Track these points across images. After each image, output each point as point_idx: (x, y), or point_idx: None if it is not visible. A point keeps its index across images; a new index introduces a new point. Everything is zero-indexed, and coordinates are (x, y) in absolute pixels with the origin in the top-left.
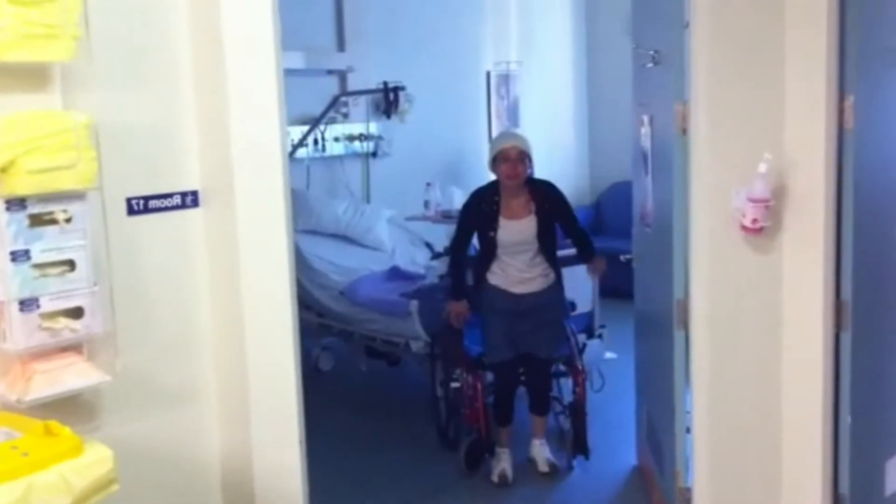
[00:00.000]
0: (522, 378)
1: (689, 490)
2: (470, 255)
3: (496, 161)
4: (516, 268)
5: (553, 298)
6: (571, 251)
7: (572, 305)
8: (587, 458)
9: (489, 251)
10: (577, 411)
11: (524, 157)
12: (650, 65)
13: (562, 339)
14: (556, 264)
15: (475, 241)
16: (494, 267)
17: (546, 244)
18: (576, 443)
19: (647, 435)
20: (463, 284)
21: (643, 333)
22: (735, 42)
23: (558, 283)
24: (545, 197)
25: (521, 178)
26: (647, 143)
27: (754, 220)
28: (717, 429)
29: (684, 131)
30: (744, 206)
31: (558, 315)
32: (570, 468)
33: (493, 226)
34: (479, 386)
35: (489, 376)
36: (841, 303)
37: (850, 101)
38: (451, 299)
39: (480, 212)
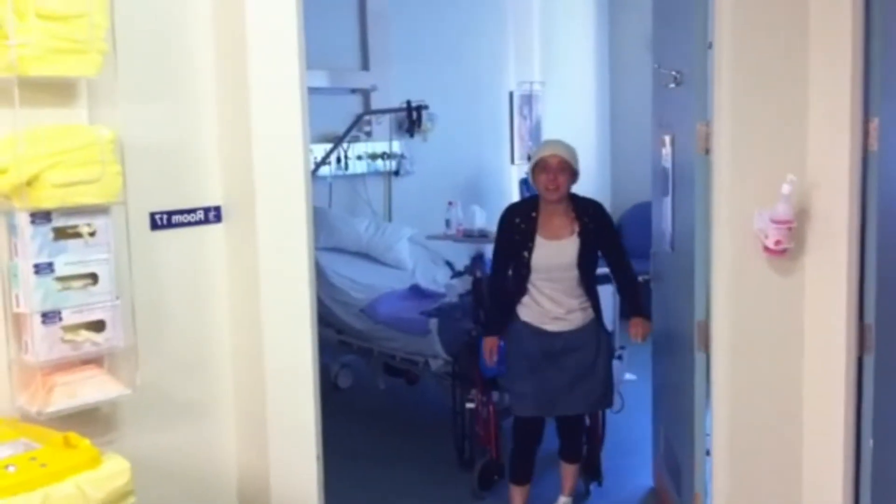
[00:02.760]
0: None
1: None
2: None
3: (535, 171)
4: (551, 299)
5: (592, 336)
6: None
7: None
8: (600, 484)
9: (521, 277)
10: (593, 436)
11: (567, 167)
12: (672, 85)
13: (608, 388)
14: (596, 299)
15: None
16: (526, 298)
17: (587, 273)
18: (589, 468)
19: (664, 457)
20: (502, 317)
21: (661, 354)
22: (758, 62)
23: (598, 321)
24: (592, 218)
25: (561, 191)
26: (668, 163)
27: (777, 242)
28: (737, 451)
29: (707, 152)
30: (766, 228)
31: (600, 357)
32: (587, 493)
33: (528, 245)
34: (491, 408)
35: (496, 396)
36: (864, 325)
37: (874, 123)
38: (485, 334)
39: (514, 228)
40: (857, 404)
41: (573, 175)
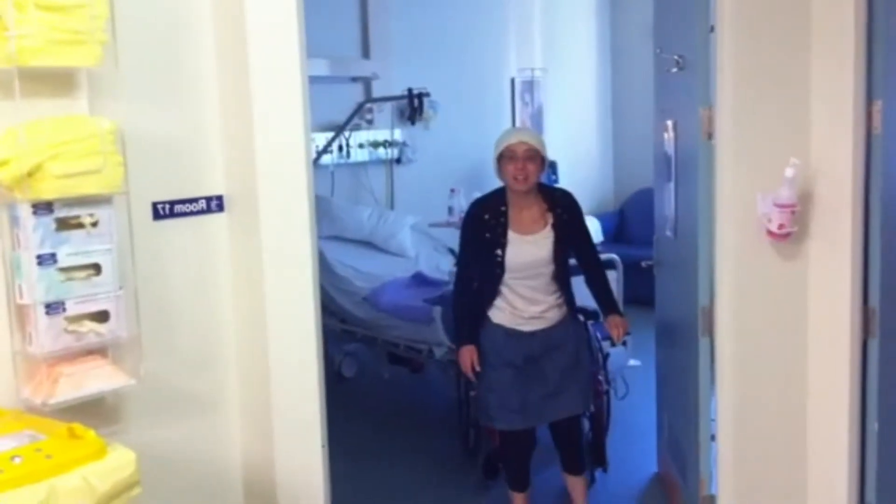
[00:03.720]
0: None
1: (713, 498)
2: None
3: (501, 161)
4: (526, 298)
5: (570, 331)
6: None
7: (594, 315)
8: (605, 470)
9: (494, 278)
10: (597, 423)
11: (535, 155)
12: (674, 70)
13: (589, 384)
14: (570, 293)
15: None
16: (498, 300)
17: (562, 268)
18: (594, 455)
19: (669, 443)
20: (474, 323)
21: (664, 341)
22: (761, 46)
23: (572, 313)
24: (564, 208)
25: (531, 180)
26: (670, 148)
27: (781, 226)
28: (742, 436)
29: (710, 136)
30: (770, 212)
31: (581, 351)
32: (592, 479)
33: (500, 242)
34: None
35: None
36: (868, 309)
37: (877, 105)
38: (459, 344)
39: (484, 225)
40: (861, 388)
41: (542, 163)
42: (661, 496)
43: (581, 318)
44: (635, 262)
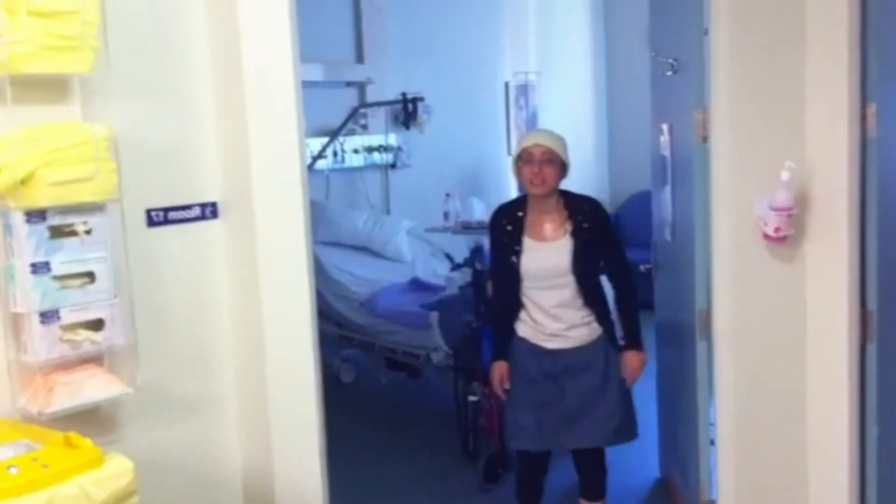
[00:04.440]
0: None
1: (714, 503)
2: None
3: (519, 164)
4: (547, 312)
5: (599, 356)
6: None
7: None
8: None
9: (513, 286)
10: None
11: (554, 158)
12: (669, 73)
13: (628, 416)
14: (602, 311)
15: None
16: (522, 312)
17: (586, 280)
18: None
19: (670, 447)
20: (505, 337)
21: (664, 344)
22: (755, 48)
23: (607, 337)
24: (586, 216)
25: (548, 184)
26: (666, 151)
27: (777, 229)
28: (741, 440)
29: (705, 139)
30: (766, 215)
31: (611, 381)
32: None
33: (515, 248)
34: (494, 400)
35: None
36: (866, 312)
37: (872, 108)
38: (493, 357)
39: (503, 231)
40: (860, 392)
41: (562, 167)
42: (663, 501)
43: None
44: (632, 265)
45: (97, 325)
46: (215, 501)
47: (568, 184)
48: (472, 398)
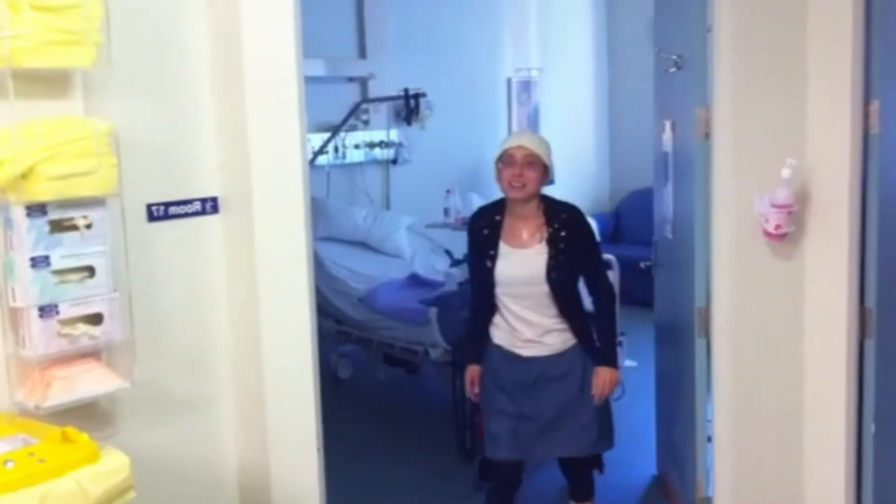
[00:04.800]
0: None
1: (710, 500)
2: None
3: (500, 166)
4: (521, 318)
5: (576, 364)
6: None
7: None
8: (601, 472)
9: (487, 290)
10: None
11: (536, 162)
12: (673, 69)
13: (605, 426)
14: (578, 320)
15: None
16: (497, 317)
17: (560, 289)
18: (591, 457)
19: (667, 444)
20: (480, 342)
21: (664, 341)
22: (758, 45)
23: (584, 345)
24: (564, 224)
25: (528, 188)
26: (668, 148)
27: (777, 226)
28: (738, 438)
29: (706, 136)
30: (767, 212)
31: (587, 389)
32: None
33: (490, 253)
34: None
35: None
36: (865, 310)
37: (875, 105)
38: (467, 361)
39: (480, 235)
40: (858, 389)
41: (544, 172)
42: (660, 498)
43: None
44: (632, 262)
45: (96, 319)
46: (211, 498)
47: (569, 180)
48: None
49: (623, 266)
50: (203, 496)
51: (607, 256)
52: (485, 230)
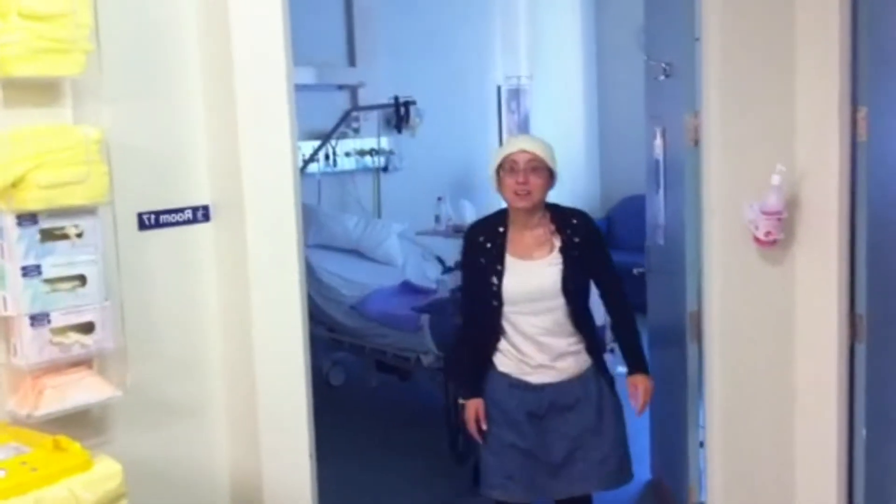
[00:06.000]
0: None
1: None
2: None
3: (500, 173)
4: (533, 341)
5: (591, 388)
6: None
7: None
8: None
9: (492, 312)
10: None
11: (541, 167)
12: (662, 77)
13: (623, 456)
14: (592, 337)
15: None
16: (502, 342)
17: (577, 301)
18: None
19: (661, 449)
20: (479, 371)
21: (657, 347)
22: (746, 53)
23: (598, 366)
24: (576, 230)
25: (534, 197)
26: (660, 155)
27: (767, 233)
28: (730, 442)
29: (696, 143)
30: (757, 219)
31: (606, 415)
32: None
33: (497, 268)
34: None
35: None
36: (856, 315)
37: (863, 112)
38: (463, 396)
39: (480, 249)
40: (849, 394)
41: (549, 177)
42: (654, 503)
43: (609, 372)
44: (623, 268)
45: (87, 328)
46: None
47: (559, 187)
48: (461, 401)
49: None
50: (196, 502)
51: None
52: (487, 244)
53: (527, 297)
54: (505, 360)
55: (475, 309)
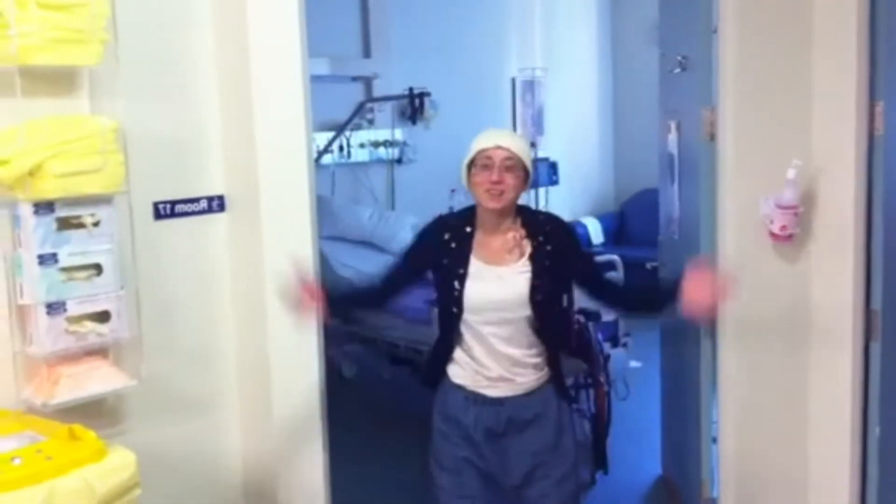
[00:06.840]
0: None
1: (715, 501)
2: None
3: (472, 170)
4: (491, 351)
5: (550, 404)
6: None
7: (596, 315)
8: (605, 472)
9: (450, 317)
10: (598, 425)
11: (516, 165)
12: (678, 70)
13: (578, 475)
14: (555, 351)
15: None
16: (458, 351)
17: (544, 313)
18: (595, 457)
19: (672, 444)
20: (438, 374)
21: (669, 342)
22: (763, 47)
23: (557, 381)
24: (548, 236)
25: (507, 197)
26: (674, 149)
27: (783, 227)
28: (743, 438)
29: (712, 137)
30: (772, 213)
31: (565, 434)
32: (593, 482)
33: (459, 272)
34: None
35: None
36: (871, 312)
37: (880, 106)
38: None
39: (442, 247)
40: (863, 391)
41: (525, 177)
42: (664, 499)
43: (569, 388)
44: (636, 263)
45: (103, 317)
46: (216, 495)
47: (573, 180)
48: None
49: (628, 267)
50: (209, 493)
51: (612, 257)
52: (452, 243)
53: (490, 305)
54: (460, 372)
55: (391, 274)
